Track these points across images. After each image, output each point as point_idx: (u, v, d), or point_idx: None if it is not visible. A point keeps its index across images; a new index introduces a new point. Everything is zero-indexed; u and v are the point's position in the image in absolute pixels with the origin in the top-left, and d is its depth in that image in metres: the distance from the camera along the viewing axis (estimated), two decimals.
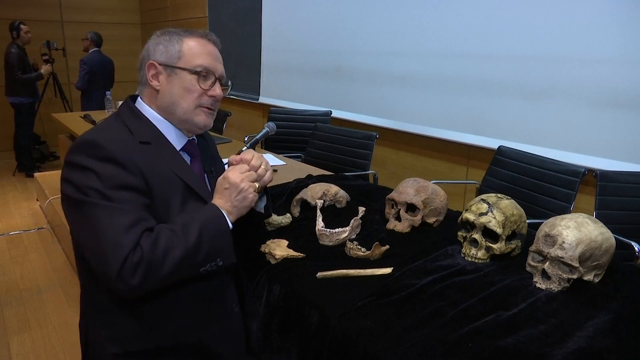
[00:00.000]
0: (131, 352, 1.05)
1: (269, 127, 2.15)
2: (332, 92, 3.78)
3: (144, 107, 1.09)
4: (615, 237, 1.17)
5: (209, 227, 0.98)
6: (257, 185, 1.07)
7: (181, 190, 1.04)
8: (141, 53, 1.10)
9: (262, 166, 1.10)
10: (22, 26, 4.87)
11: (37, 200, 4.31)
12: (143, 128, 1.05)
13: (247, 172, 1.06)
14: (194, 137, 1.17)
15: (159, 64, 1.06)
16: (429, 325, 0.97)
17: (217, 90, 1.10)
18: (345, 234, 1.36)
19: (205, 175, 1.18)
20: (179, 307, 1.06)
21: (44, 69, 5.00)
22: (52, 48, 5.18)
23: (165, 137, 1.08)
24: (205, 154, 1.22)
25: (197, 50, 1.07)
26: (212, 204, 1.03)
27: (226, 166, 1.13)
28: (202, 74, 1.06)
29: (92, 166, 0.92)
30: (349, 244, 1.28)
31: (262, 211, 1.25)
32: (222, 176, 1.06)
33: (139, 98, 1.12)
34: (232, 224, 1.03)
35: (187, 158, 1.14)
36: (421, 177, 1.54)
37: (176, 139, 1.11)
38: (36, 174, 4.15)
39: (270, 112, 3.56)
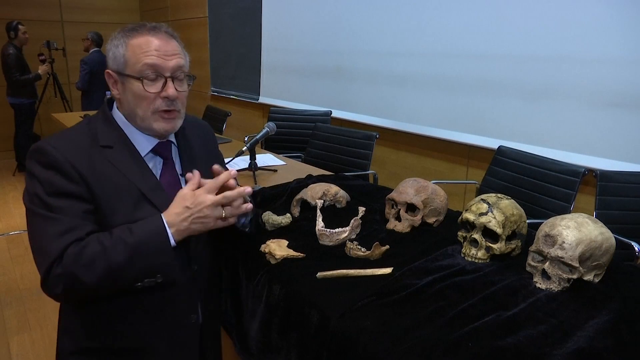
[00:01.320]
0: (81, 348, 1.06)
1: (269, 127, 2.16)
2: (332, 92, 3.78)
3: (115, 111, 1.09)
4: (615, 237, 1.17)
5: (144, 243, 0.93)
6: (222, 214, 0.98)
7: (133, 196, 1.01)
8: None
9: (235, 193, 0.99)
10: (20, 26, 4.86)
11: None
12: (110, 132, 1.05)
13: (215, 196, 0.96)
14: (171, 139, 1.14)
15: (113, 72, 1.04)
16: (429, 325, 0.97)
17: (169, 90, 1.02)
18: (345, 234, 1.36)
19: (183, 178, 1.13)
20: (122, 314, 1.05)
21: (42, 69, 4.99)
22: (52, 48, 5.18)
23: (130, 142, 1.06)
24: (187, 156, 1.16)
25: (139, 50, 1.00)
26: (159, 216, 0.96)
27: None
28: (147, 77, 1.00)
29: (37, 173, 0.96)
30: (349, 244, 1.28)
31: (245, 228, 1.21)
32: (186, 190, 0.98)
33: (115, 103, 1.11)
34: (177, 241, 0.97)
35: (158, 161, 1.11)
36: (421, 177, 1.54)
37: (143, 143, 1.08)
38: None
39: (270, 112, 3.56)
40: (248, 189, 1.02)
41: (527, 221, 1.30)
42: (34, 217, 0.95)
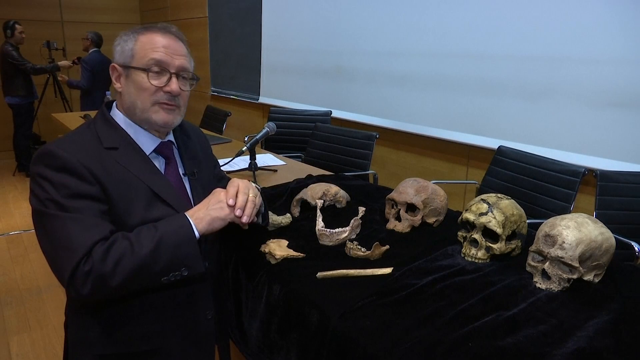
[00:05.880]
0: (98, 357, 1.05)
1: (268, 127, 2.16)
2: (332, 92, 3.78)
3: (116, 113, 1.09)
4: (615, 237, 1.17)
5: (169, 236, 0.95)
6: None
7: (145, 195, 1.02)
8: None
9: (250, 193, 1.09)
10: (17, 26, 4.86)
11: None
12: (112, 134, 1.05)
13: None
14: (171, 139, 1.15)
15: (119, 66, 1.06)
16: (429, 325, 0.97)
17: (173, 85, 1.05)
18: (345, 234, 1.36)
19: (187, 178, 1.16)
20: (145, 314, 1.05)
21: (63, 62, 5.07)
22: (52, 48, 5.18)
23: (135, 142, 1.07)
24: (188, 156, 1.19)
25: (148, 46, 1.04)
26: (183, 214, 1.01)
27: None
28: (152, 70, 1.03)
29: (48, 176, 0.93)
30: (349, 244, 1.28)
31: (259, 222, 1.28)
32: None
33: (114, 104, 1.12)
34: (200, 234, 1.00)
35: (161, 161, 1.12)
36: (421, 177, 1.54)
37: (146, 143, 1.09)
38: None
39: (270, 112, 3.56)
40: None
41: (527, 221, 1.30)
42: (52, 220, 0.92)
